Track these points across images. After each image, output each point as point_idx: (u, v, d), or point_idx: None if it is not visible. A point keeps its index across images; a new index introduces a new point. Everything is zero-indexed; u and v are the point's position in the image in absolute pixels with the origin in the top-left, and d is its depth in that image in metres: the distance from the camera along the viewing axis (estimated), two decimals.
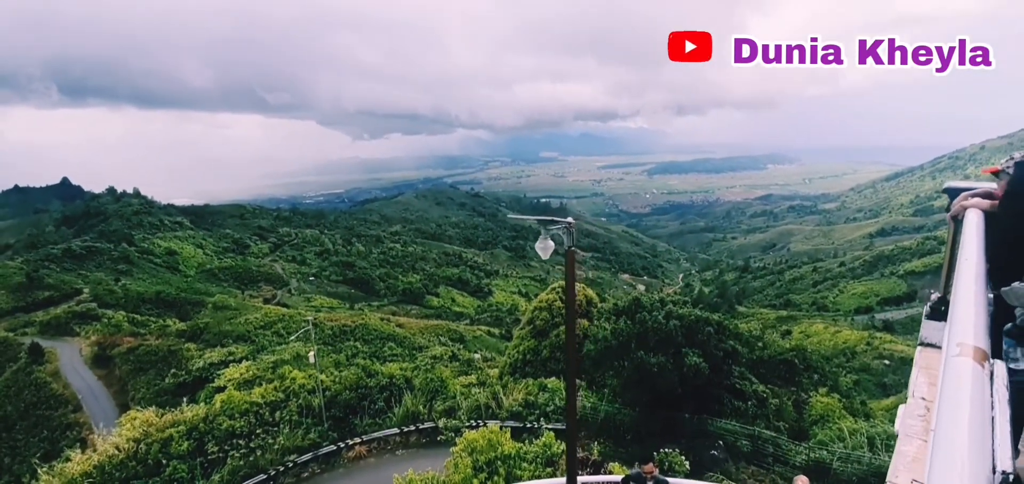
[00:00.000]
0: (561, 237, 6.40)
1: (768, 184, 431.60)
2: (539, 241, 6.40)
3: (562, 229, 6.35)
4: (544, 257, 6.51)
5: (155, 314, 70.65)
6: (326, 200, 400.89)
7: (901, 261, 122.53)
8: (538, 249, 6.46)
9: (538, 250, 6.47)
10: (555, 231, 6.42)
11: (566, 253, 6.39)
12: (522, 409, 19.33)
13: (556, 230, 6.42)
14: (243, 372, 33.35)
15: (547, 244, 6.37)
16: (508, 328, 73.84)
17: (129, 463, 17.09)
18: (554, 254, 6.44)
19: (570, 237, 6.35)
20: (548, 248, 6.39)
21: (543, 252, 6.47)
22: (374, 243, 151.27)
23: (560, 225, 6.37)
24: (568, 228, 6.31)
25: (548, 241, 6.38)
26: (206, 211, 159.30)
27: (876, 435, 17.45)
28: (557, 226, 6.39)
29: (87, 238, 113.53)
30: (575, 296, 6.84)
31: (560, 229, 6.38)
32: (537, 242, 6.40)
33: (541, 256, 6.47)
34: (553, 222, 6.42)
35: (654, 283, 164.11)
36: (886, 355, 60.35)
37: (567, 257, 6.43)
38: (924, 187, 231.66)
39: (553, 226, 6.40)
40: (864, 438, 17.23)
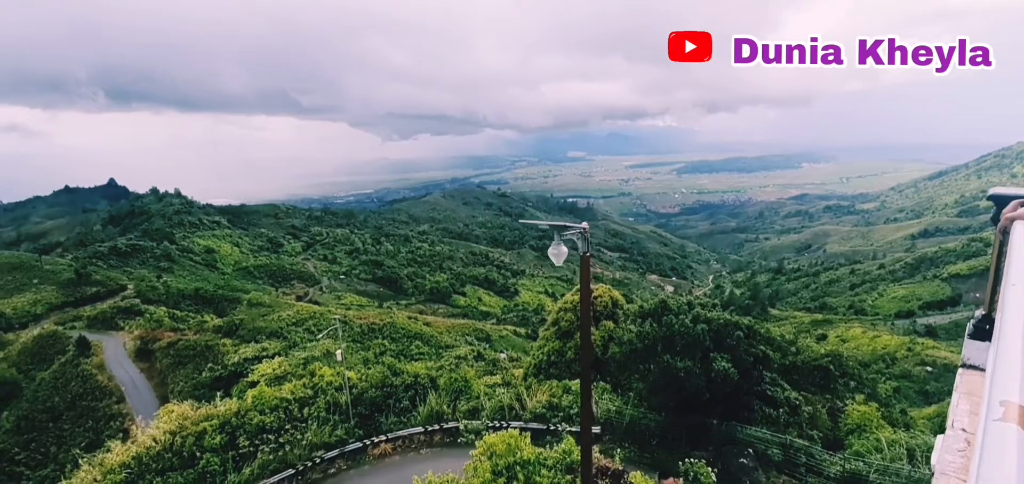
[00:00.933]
0: (575, 242, 6.25)
1: (803, 183, 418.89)
2: (552, 247, 6.25)
3: (577, 234, 6.19)
4: (557, 263, 6.38)
5: (194, 310, 73.30)
6: (356, 200, 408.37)
7: (945, 263, 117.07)
8: (551, 255, 6.32)
9: (551, 256, 6.33)
10: (569, 236, 6.27)
11: (581, 259, 6.24)
12: (545, 411, 19.23)
13: (570, 235, 6.26)
14: (275, 368, 34.30)
15: (560, 250, 6.23)
16: (534, 328, 73.71)
17: (165, 455, 17.71)
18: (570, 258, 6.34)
19: (585, 243, 6.19)
20: (561, 254, 6.25)
21: (556, 258, 6.33)
22: (402, 242, 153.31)
23: (574, 230, 6.21)
24: (582, 233, 6.15)
25: (561, 247, 6.23)
26: (242, 211, 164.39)
27: (917, 446, 16.63)
28: (571, 231, 6.24)
29: (131, 236, 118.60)
30: (590, 303, 6.72)
31: (574, 234, 6.23)
32: (550, 248, 6.25)
33: (554, 262, 6.34)
34: (567, 227, 6.26)
35: (683, 284, 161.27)
36: (928, 362, 57.73)
37: (582, 263, 6.29)
38: (969, 186, 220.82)
39: (567, 231, 6.25)
40: (904, 449, 16.44)
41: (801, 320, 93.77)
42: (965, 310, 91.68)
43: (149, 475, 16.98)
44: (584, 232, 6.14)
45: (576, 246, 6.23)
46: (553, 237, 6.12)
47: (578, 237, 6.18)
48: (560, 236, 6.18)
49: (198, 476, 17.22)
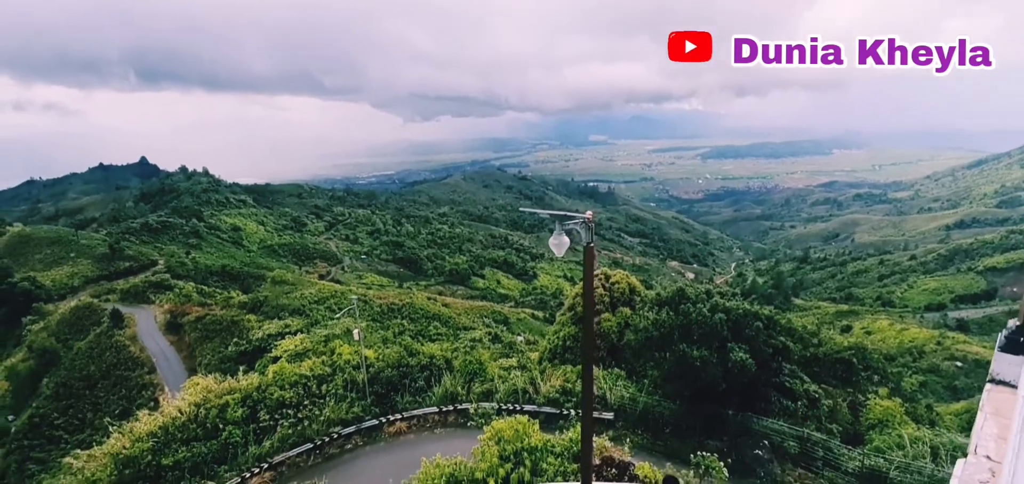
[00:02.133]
0: (579, 233, 6.11)
1: (833, 170, 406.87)
2: (553, 237, 6.12)
3: (580, 224, 6.05)
4: (558, 254, 6.26)
5: (220, 286, 75.32)
6: (378, 181, 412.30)
7: (981, 256, 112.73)
8: (552, 245, 6.20)
9: (552, 246, 6.20)
10: (572, 226, 6.13)
11: (585, 250, 6.11)
12: (559, 396, 19.28)
13: (573, 225, 6.11)
14: (297, 344, 35.12)
15: (562, 241, 6.09)
16: (552, 311, 73.74)
17: (190, 425, 18.41)
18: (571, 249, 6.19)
19: (589, 233, 6.04)
20: (563, 245, 6.12)
21: (557, 249, 6.20)
22: (423, 224, 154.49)
23: (577, 220, 6.07)
24: (586, 223, 6.00)
25: (563, 237, 6.09)
26: (267, 190, 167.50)
27: (941, 445, 16.15)
28: (574, 221, 6.11)
29: (162, 213, 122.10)
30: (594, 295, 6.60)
31: (577, 224, 6.09)
32: (552, 238, 6.14)
33: (555, 253, 6.23)
34: (569, 217, 6.12)
35: (704, 272, 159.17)
36: (958, 356, 56.03)
37: (585, 254, 6.16)
38: (1011, 176, 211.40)
39: (570, 221, 6.11)
40: (927, 447, 15.98)
41: (825, 311, 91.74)
42: (1000, 304, 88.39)
43: (175, 445, 17.68)
44: (587, 221, 5.99)
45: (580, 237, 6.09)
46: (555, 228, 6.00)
47: (581, 227, 6.04)
48: (562, 226, 6.05)
49: (221, 447, 17.86)
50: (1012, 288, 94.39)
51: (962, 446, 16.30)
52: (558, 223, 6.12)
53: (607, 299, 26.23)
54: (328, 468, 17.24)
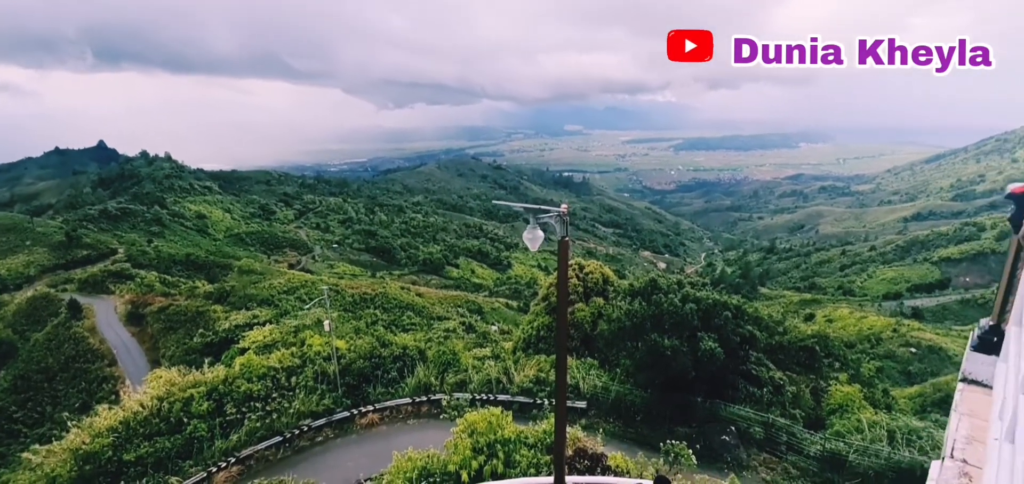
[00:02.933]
0: (553, 226, 6.05)
1: (800, 163, 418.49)
2: (526, 231, 6.04)
3: (554, 218, 5.99)
4: (532, 248, 6.20)
5: (185, 275, 73.01)
6: (350, 169, 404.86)
7: (936, 247, 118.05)
8: (526, 239, 6.13)
9: (526, 240, 6.13)
10: (546, 219, 6.06)
11: (559, 243, 6.06)
12: (532, 385, 19.37)
13: (547, 218, 6.06)
14: (266, 335, 34.34)
15: (536, 234, 6.03)
16: (526, 301, 74.02)
17: (153, 420, 17.81)
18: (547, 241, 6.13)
19: (563, 226, 5.99)
20: (537, 239, 6.06)
21: (531, 243, 6.13)
22: (396, 213, 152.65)
23: (552, 213, 6.00)
24: (560, 217, 5.95)
25: (537, 231, 6.02)
26: (234, 176, 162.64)
27: (897, 428, 16.89)
28: (549, 214, 6.03)
29: (122, 200, 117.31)
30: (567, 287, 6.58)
31: (552, 218, 6.02)
32: (525, 232, 6.06)
33: (529, 247, 6.17)
34: (544, 210, 6.04)
35: (675, 261, 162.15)
36: (913, 343, 58.65)
37: (560, 247, 6.11)
38: (966, 171, 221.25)
39: (544, 215, 6.04)
40: (884, 431, 16.69)
41: (790, 299, 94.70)
42: (953, 294, 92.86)
43: (137, 439, 17.09)
44: (562, 215, 5.94)
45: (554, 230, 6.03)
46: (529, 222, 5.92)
47: (556, 220, 5.98)
48: (536, 219, 5.97)
49: (185, 441, 17.34)
50: (965, 278, 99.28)
51: (916, 429, 17.08)
52: (532, 217, 6.04)
53: (581, 289, 26.44)
54: (298, 461, 16.96)
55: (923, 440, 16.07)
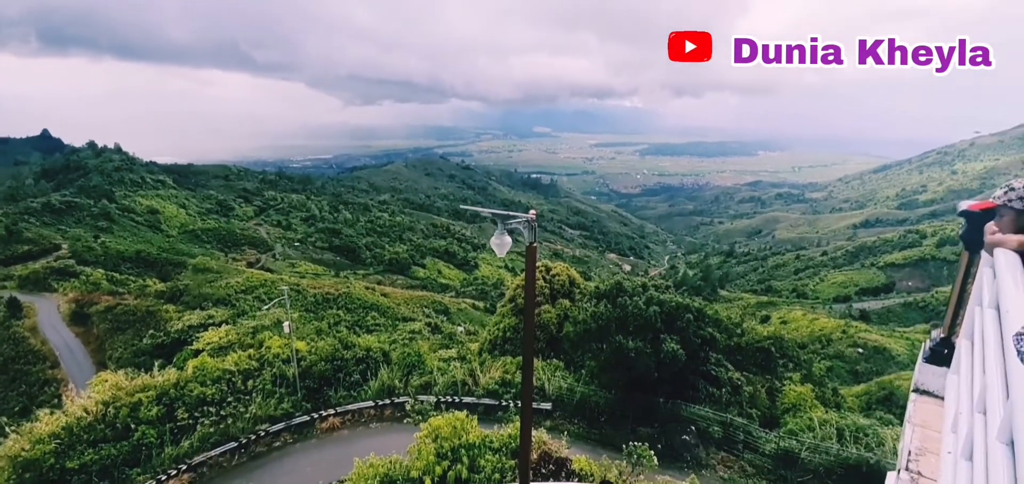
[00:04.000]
0: (522, 232, 6.02)
1: (758, 170, 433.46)
2: (495, 237, 5.99)
3: (523, 224, 5.96)
4: (500, 254, 6.16)
5: (135, 273, 69.54)
6: (314, 165, 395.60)
7: (882, 253, 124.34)
8: (494, 245, 6.06)
9: (494, 246, 6.07)
10: (515, 225, 6.03)
11: (527, 249, 6.04)
12: (498, 387, 19.32)
13: (516, 224, 6.02)
14: (222, 336, 33.11)
15: (504, 240, 5.98)
16: (493, 302, 73.93)
17: (97, 426, 16.85)
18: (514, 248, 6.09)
19: (531, 232, 5.97)
20: (505, 245, 6.01)
21: (499, 249, 6.07)
22: (361, 211, 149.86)
23: (520, 219, 5.97)
24: (529, 223, 5.93)
25: (505, 237, 5.97)
26: (190, 171, 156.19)
27: (846, 426, 17.70)
28: (517, 220, 6.00)
29: (66, 193, 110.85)
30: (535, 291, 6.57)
31: (520, 223, 5.99)
32: (493, 237, 6.01)
33: (497, 253, 6.12)
34: (512, 216, 6.00)
35: (640, 264, 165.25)
36: (860, 344, 61.57)
37: (528, 253, 6.10)
38: (911, 181, 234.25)
39: (512, 220, 6.00)
40: (833, 429, 17.46)
41: (748, 301, 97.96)
42: (897, 297, 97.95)
43: (80, 446, 16.16)
44: (530, 221, 5.91)
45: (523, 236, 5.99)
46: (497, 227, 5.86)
47: (525, 226, 5.94)
48: (504, 225, 5.93)
49: (133, 448, 16.48)
50: (908, 282, 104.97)
51: (863, 427, 17.92)
52: (500, 222, 5.99)
53: (547, 291, 26.57)
54: (254, 468, 16.37)
55: (869, 437, 16.89)
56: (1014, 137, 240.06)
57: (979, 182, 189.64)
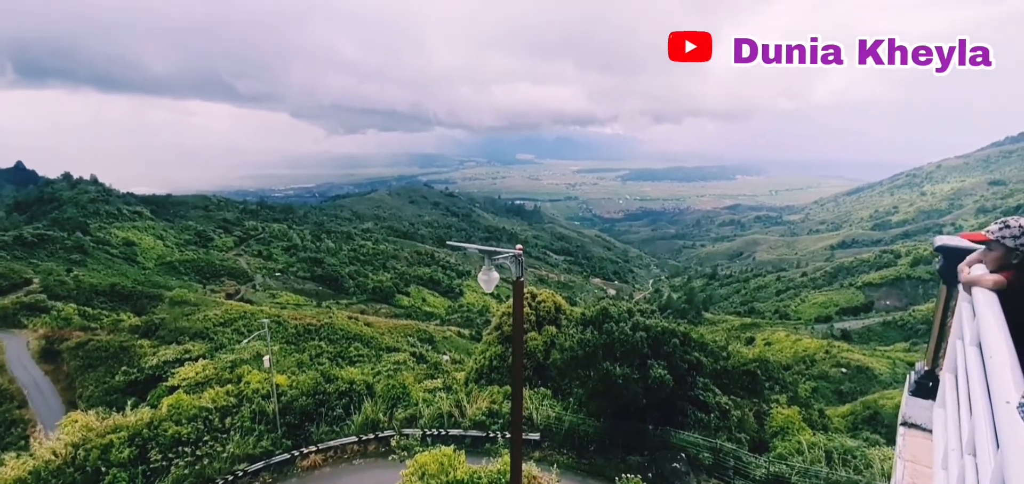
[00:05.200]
0: (509, 267, 5.93)
1: (736, 194, 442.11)
2: (482, 272, 5.91)
3: (510, 259, 5.88)
4: (487, 289, 6.07)
5: (108, 307, 67.47)
6: (296, 194, 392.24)
7: (860, 273, 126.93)
8: (481, 281, 5.98)
9: (481, 282, 5.99)
10: (502, 260, 5.94)
11: (514, 284, 5.95)
12: (486, 418, 18.95)
13: (503, 259, 5.94)
14: (198, 371, 32.00)
15: (491, 276, 5.89)
16: (478, 329, 73.25)
17: (66, 470, 16.08)
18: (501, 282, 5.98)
19: (519, 268, 5.89)
20: (492, 280, 5.92)
21: (486, 285, 5.99)
22: (344, 240, 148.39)
23: (507, 255, 5.88)
24: (516, 259, 5.85)
25: (492, 272, 5.89)
26: (168, 201, 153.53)
27: (834, 449, 17.70)
28: (503, 256, 5.91)
29: (39, 226, 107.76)
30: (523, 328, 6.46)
31: (507, 259, 5.91)
32: (480, 274, 5.92)
33: (484, 289, 6.03)
34: (498, 252, 5.92)
35: (625, 288, 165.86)
36: (843, 363, 62.22)
37: (515, 289, 6.01)
38: (883, 202, 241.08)
39: (499, 256, 5.91)
40: (822, 452, 17.44)
41: (732, 323, 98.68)
42: (876, 316, 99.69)
43: None
44: (518, 257, 5.82)
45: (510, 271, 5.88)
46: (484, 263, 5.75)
47: (512, 262, 5.86)
48: (491, 261, 5.84)
49: None
50: (885, 301, 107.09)
51: (850, 449, 17.91)
52: (487, 258, 5.88)
53: (533, 318, 26.38)
54: None
55: (857, 459, 16.88)
56: (978, 159, 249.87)
57: (948, 202, 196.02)
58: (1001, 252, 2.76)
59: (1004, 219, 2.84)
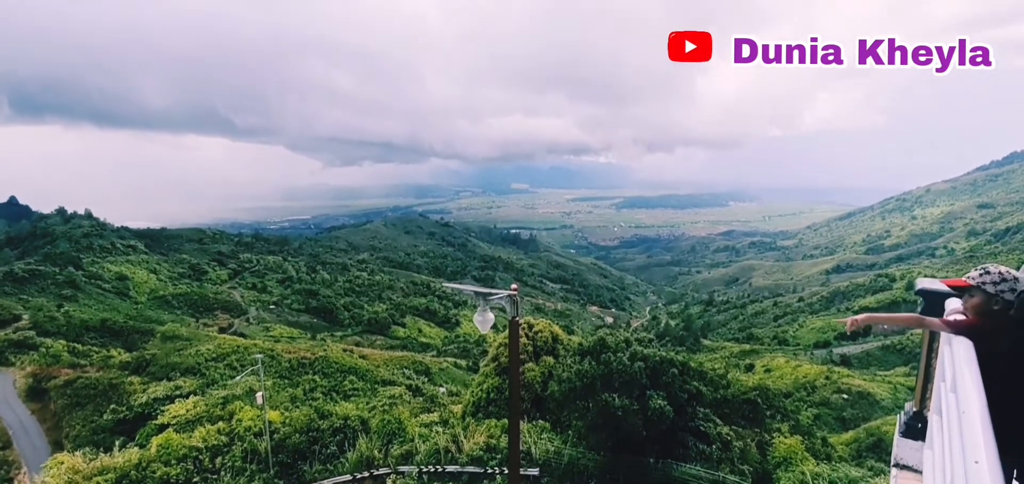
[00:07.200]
0: (504, 306, 5.86)
1: (730, 220, 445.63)
2: (477, 314, 5.85)
3: (505, 299, 5.82)
4: (483, 330, 6.00)
5: (99, 343, 66.36)
6: (292, 226, 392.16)
7: (856, 297, 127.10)
8: (477, 322, 5.93)
9: (477, 324, 5.94)
10: (497, 301, 5.88)
11: (510, 324, 5.88)
12: (483, 453, 18.50)
13: (497, 300, 5.88)
14: (189, 409, 31.42)
15: (486, 317, 5.84)
16: (475, 359, 72.51)
17: None
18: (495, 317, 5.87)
19: (513, 307, 5.83)
20: (487, 321, 5.86)
21: (482, 326, 5.93)
22: (340, 271, 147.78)
23: (502, 296, 5.82)
24: (511, 298, 5.80)
25: (487, 313, 5.84)
26: (163, 235, 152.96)
27: (838, 479, 17.36)
28: (499, 296, 5.85)
29: (31, 261, 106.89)
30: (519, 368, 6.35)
31: (502, 299, 5.85)
32: (476, 315, 5.86)
33: (480, 330, 5.95)
34: (493, 293, 5.86)
35: (622, 316, 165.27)
36: (844, 389, 61.70)
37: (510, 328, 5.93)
38: (875, 227, 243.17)
39: (495, 296, 5.85)
40: (826, 483, 17.11)
41: (731, 350, 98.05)
42: (874, 340, 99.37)
43: None
44: (512, 297, 5.77)
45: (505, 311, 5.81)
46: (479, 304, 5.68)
47: (507, 302, 5.79)
48: (486, 302, 5.78)
49: None
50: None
51: (855, 479, 17.59)
52: (483, 299, 5.82)
53: (530, 348, 26.09)
54: None
55: None
56: (965, 183, 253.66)
57: (938, 226, 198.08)
58: (981, 298, 2.84)
59: (985, 266, 2.94)
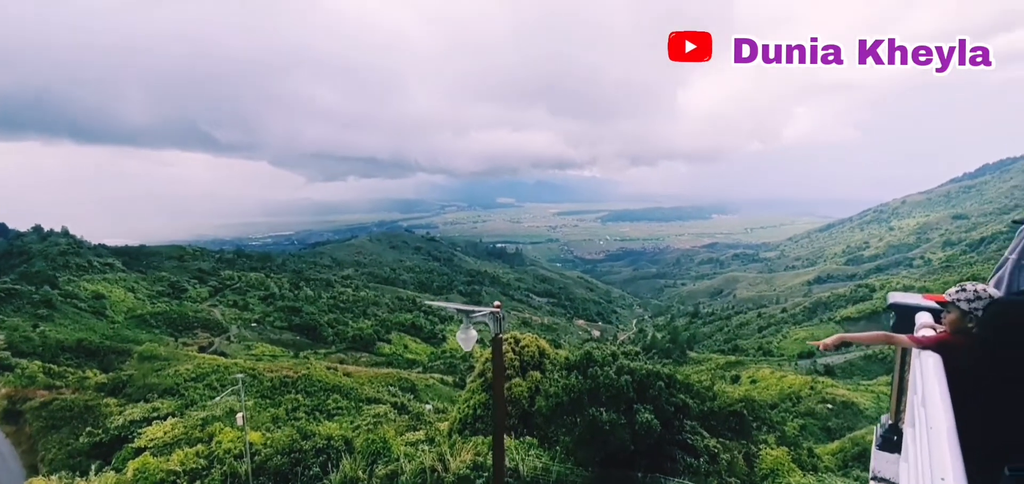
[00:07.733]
0: (487, 323, 5.82)
1: (714, 233, 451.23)
2: (460, 331, 5.80)
3: (488, 317, 5.78)
4: (466, 348, 5.95)
5: (74, 364, 64.42)
6: (275, 242, 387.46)
7: (837, 307, 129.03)
8: (460, 340, 5.87)
9: (460, 342, 5.88)
10: (480, 318, 5.84)
11: (493, 341, 5.82)
12: (470, 472, 18.25)
13: (481, 317, 5.84)
14: (167, 431, 30.48)
15: (469, 335, 5.79)
16: (462, 376, 71.83)
17: None
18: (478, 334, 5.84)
19: (497, 325, 5.79)
20: (470, 339, 5.81)
21: (465, 344, 5.88)
22: (324, 287, 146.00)
23: (484, 313, 5.78)
24: (494, 316, 5.76)
25: (470, 331, 5.79)
26: (142, 252, 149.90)
27: None
28: (482, 313, 5.81)
29: (6, 280, 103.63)
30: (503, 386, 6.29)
31: (485, 316, 5.81)
32: (458, 332, 5.81)
33: (463, 348, 5.89)
34: (475, 311, 5.82)
35: (609, 329, 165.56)
36: (829, 399, 62.33)
37: (493, 346, 5.88)
38: (854, 238, 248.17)
39: (477, 314, 5.81)
40: None
41: (717, 362, 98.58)
42: (856, 350, 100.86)
43: None
44: (495, 314, 5.73)
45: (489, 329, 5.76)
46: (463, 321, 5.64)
47: (490, 319, 5.75)
48: (469, 320, 5.74)
49: None
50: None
51: None
52: (466, 317, 5.77)
53: (517, 363, 25.94)
54: None
55: None
56: (940, 195, 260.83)
57: (915, 237, 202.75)
58: (958, 314, 2.91)
59: (962, 283, 3.01)
